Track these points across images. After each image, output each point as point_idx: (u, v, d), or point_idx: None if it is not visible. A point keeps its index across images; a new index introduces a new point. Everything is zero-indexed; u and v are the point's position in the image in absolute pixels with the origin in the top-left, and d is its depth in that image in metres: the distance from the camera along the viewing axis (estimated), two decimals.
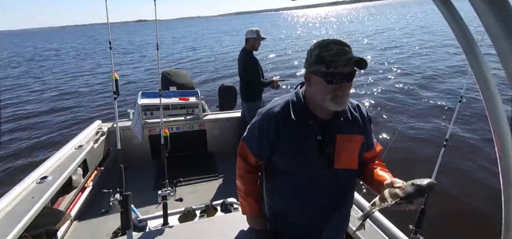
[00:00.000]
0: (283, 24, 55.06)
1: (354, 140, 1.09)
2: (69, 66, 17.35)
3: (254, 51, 3.26)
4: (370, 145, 1.16)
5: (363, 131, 1.11)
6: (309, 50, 1.02)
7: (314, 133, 1.05)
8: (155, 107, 3.54)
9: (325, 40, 0.98)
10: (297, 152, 1.07)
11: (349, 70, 0.93)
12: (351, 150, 1.09)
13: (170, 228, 1.60)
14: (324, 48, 0.96)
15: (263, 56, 15.16)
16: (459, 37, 0.62)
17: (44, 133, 6.55)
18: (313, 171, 1.08)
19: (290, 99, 1.10)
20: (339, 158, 1.06)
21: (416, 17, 37.70)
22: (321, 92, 0.98)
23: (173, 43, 29.98)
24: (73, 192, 2.57)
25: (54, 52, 28.10)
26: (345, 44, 0.96)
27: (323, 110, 1.04)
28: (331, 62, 0.92)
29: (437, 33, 19.04)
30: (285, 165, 1.12)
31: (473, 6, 0.49)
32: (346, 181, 1.14)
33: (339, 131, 1.05)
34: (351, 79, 0.96)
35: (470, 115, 5.43)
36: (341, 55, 0.92)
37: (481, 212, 3.06)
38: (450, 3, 0.62)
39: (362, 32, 25.61)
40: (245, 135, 1.22)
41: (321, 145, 1.05)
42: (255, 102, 3.32)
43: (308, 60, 1.01)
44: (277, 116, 1.08)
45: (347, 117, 1.08)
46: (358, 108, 1.13)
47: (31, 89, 11.18)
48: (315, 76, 0.98)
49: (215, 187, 3.03)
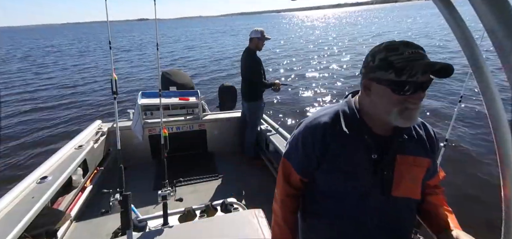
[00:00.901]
0: (285, 26, 55.05)
1: (419, 163, 0.91)
2: (69, 66, 17.33)
3: (258, 51, 3.27)
4: (434, 171, 0.99)
5: (429, 153, 0.94)
6: (371, 53, 0.85)
7: (369, 150, 0.88)
8: (155, 107, 3.54)
9: (393, 42, 0.81)
10: (346, 170, 0.90)
11: (425, 79, 0.77)
12: (414, 175, 0.91)
13: (170, 228, 1.60)
14: (392, 51, 0.79)
15: (266, 57, 15.17)
16: (459, 37, 0.62)
17: (44, 132, 6.54)
18: (364, 196, 0.90)
19: (340, 109, 0.94)
20: (398, 184, 0.89)
21: (415, 21, 37.69)
22: (385, 104, 0.82)
23: (174, 43, 29.97)
24: (73, 192, 2.57)
25: (53, 50, 28.07)
26: (418, 47, 0.79)
27: (382, 124, 0.88)
28: (403, 69, 0.75)
29: (437, 33, 19.05)
30: (329, 185, 0.95)
31: (473, 6, 0.49)
32: (405, 213, 0.94)
33: (402, 151, 0.89)
34: (427, 88, 0.79)
35: (470, 115, 5.43)
36: (415, 60, 0.76)
37: (481, 212, 3.06)
38: (451, 4, 0.62)
39: (361, 36, 25.61)
40: (286, 150, 1.05)
41: (376, 165, 0.88)
42: (256, 103, 3.33)
43: (369, 65, 0.84)
44: (324, 127, 0.92)
45: (412, 135, 0.92)
46: (424, 127, 0.97)
47: (31, 89, 11.16)
48: (378, 84, 0.81)
49: (215, 187, 3.03)
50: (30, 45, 37.49)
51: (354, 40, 21.79)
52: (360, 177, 0.89)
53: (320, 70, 11.89)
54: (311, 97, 8.09)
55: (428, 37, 18.87)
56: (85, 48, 29.23)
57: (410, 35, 21.46)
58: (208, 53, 19.80)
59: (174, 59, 18.10)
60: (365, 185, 0.89)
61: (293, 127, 6.11)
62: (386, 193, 0.89)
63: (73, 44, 35.92)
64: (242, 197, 2.65)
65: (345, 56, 14.65)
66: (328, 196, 0.96)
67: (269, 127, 3.49)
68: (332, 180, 0.93)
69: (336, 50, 17.25)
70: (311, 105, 7.45)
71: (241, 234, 1.48)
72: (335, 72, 11.23)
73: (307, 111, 7.02)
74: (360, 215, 0.92)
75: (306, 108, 7.20)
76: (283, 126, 3.73)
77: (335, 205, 0.95)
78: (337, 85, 9.38)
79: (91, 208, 2.64)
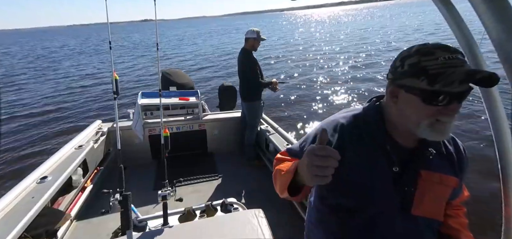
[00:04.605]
0: (287, 25, 55.07)
1: (446, 182, 0.82)
2: (69, 66, 17.34)
3: (253, 51, 3.27)
4: (459, 190, 0.90)
5: (458, 172, 0.84)
6: (400, 57, 0.75)
7: (390, 162, 0.80)
8: (155, 107, 3.54)
9: (427, 45, 0.71)
10: (361, 182, 0.81)
11: (462, 89, 0.67)
12: (438, 194, 0.83)
13: (170, 228, 1.60)
14: (426, 55, 0.69)
15: (263, 56, 15.18)
16: (459, 37, 0.63)
17: (44, 133, 6.54)
18: (379, 211, 0.82)
19: (362, 114, 0.86)
20: (420, 202, 0.80)
21: (416, 18, 37.72)
22: (414, 115, 0.73)
23: (175, 43, 29.99)
24: (73, 192, 2.57)
25: (55, 51, 28.10)
26: (456, 51, 0.68)
27: (408, 136, 0.80)
28: (437, 76, 0.66)
29: (435, 33, 19.06)
30: (340, 195, 0.85)
31: (473, 6, 0.49)
32: (426, 233, 0.84)
33: (427, 167, 0.80)
34: (464, 99, 0.69)
35: (470, 115, 5.44)
36: (453, 66, 0.66)
37: (480, 212, 3.06)
38: (451, 4, 0.62)
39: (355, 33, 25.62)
40: (290, 146, 0.99)
41: (397, 179, 0.80)
42: (254, 103, 3.32)
43: (397, 71, 0.75)
44: (342, 130, 0.84)
45: (441, 151, 0.83)
46: (454, 142, 0.87)
47: (31, 89, 11.17)
48: (407, 93, 0.73)
49: (215, 187, 3.03)
50: (34, 47, 37.52)
51: (364, 39, 21.81)
52: (378, 190, 0.81)
53: (320, 68, 11.90)
54: (311, 96, 8.09)
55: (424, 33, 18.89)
56: (86, 48, 29.24)
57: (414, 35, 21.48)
58: (208, 53, 19.80)
59: (174, 59, 18.11)
60: (382, 199, 0.81)
61: (293, 126, 6.11)
62: (405, 210, 0.80)
63: (76, 45, 35.95)
64: (242, 197, 2.65)
65: (347, 54, 14.66)
66: (339, 209, 0.87)
67: (269, 127, 3.49)
68: (343, 192, 0.84)
69: (338, 48, 17.26)
70: (312, 103, 7.45)
71: (241, 234, 1.47)
72: (336, 71, 11.23)
73: (308, 110, 7.02)
74: (373, 233, 0.83)
75: (306, 108, 7.20)
76: (283, 126, 3.73)
77: (348, 219, 0.85)
78: (339, 84, 9.38)
79: (91, 208, 2.64)
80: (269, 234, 1.46)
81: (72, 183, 2.61)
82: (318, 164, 0.64)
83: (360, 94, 7.91)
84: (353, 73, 10.74)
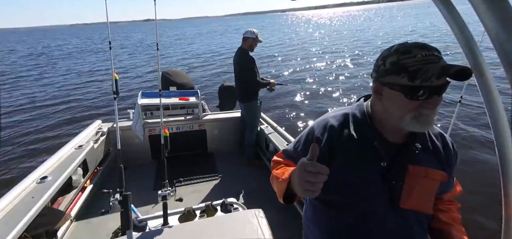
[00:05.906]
0: (289, 25, 55.07)
1: (432, 176, 0.85)
2: (69, 66, 17.33)
3: (250, 52, 3.25)
4: (449, 185, 0.93)
5: (445, 166, 0.87)
6: (382, 56, 0.80)
7: (379, 157, 0.83)
8: (155, 107, 3.54)
9: (405, 44, 0.76)
10: (351, 177, 0.85)
11: (440, 83, 0.72)
12: (426, 188, 0.86)
13: (170, 228, 1.60)
14: (405, 54, 0.74)
15: (264, 56, 15.17)
16: (459, 38, 0.63)
17: (44, 132, 6.54)
18: (369, 206, 0.85)
19: (350, 113, 0.90)
20: (408, 195, 0.83)
21: (418, 19, 37.72)
22: (398, 110, 0.77)
23: (175, 43, 29.98)
24: (73, 192, 2.57)
25: (55, 50, 28.09)
26: (433, 48, 0.74)
27: (395, 131, 0.83)
28: (416, 73, 0.71)
29: (435, 33, 19.07)
30: (332, 192, 0.87)
31: (473, 6, 0.49)
32: (416, 228, 0.87)
33: (414, 162, 0.83)
34: (443, 92, 0.75)
35: (470, 115, 5.44)
36: (430, 63, 0.71)
37: (480, 211, 3.06)
38: (451, 5, 0.62)
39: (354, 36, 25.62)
40: (286, 148, 1.03)
41: (385, 173, 0.83)
42: (252, 103, 3.29)
43: (380, 69, 0.80)
44: (331, 129, 0.88)
45: (427, 145, 0.86)
46: (441, 138, 0.90)
47: (32, 89, 11.16)
48: (390, 89, 0.77)
49: (215, 187, 3.03)
50: (34, 45, 37.51)
51: (364, 39, 21.81)
52: (367, 185, 0.84)
53: (321, 68, 11.90)
54: (311, 96, 8.09)
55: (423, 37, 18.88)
56: (87, 48, 29.24)
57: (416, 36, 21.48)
58: (208, 53, 19.80)
59: (174, 59, 18.10)
60: (371, 194, 0.84)
61: (292, 126, 6.11)
62: (393, 204, 0.83)
63: (77, 44, 35.94)
64: (242, 197, 2.66)
65: (346, 54, 14.66)
66: (330, 205, 0.91)
67: (268, 127, 3.49)
68: (334, 190, 0.86)
69: (338, 48, 17.26)
70: (312, 103, 7.45)
71: (241, 234, 1.47)
72: (336, 71, 11.23)
73: (308, 110, 7.02)
74: (363, 228, 0.86)
75: (307, 108, 7.20)
76: (282, 125, 3.73)
77: (338, 214, 0.89)
78: (337, 84, 9.38)
79: (91, 208, 2.64)
80: (269, 234, 1.46)
81: (72, 183, 2.61)
82: (308, 180, 0.67)
83: (360, 95, 7.90)
84: (353, 73, 10.75)
